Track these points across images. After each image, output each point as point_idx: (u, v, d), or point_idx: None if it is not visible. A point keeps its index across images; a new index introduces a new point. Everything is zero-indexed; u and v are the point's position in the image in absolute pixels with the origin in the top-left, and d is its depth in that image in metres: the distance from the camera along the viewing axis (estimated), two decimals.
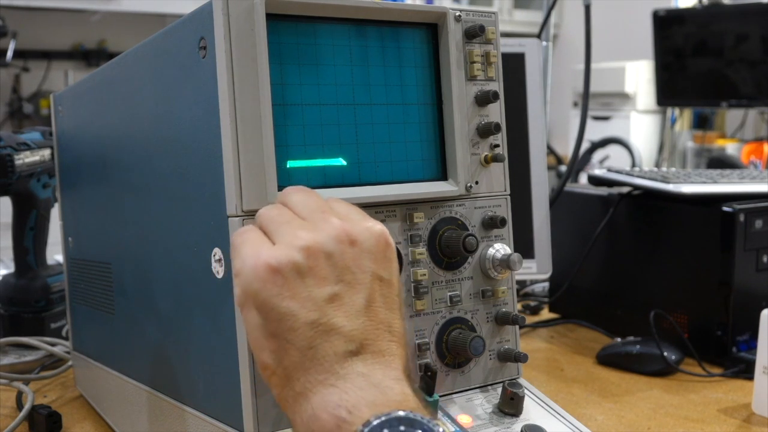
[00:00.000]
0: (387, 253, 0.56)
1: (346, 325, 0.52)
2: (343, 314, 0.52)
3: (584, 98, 1.30)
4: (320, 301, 0.52)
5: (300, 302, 0.51)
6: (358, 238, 0.54)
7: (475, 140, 0.73)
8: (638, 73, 3.91)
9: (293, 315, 0.51)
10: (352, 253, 0.54)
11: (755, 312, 0.98)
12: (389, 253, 0.56)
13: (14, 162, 1.08)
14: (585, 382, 1.08)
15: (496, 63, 0.74)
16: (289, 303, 0.51)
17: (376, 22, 0.69)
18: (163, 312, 0.75)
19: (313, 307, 0.51)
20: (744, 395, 1.01)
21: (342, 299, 0.52)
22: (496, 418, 0.69)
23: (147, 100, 0.74)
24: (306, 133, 0.65)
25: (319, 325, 0.51)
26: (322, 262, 0.53)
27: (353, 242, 0.54)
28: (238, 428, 0.62)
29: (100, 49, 4.02)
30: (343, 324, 0.52)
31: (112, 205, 0.85)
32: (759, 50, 3.28)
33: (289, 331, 0.51)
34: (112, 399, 0.90)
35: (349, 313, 0.52)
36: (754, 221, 1.12)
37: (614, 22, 3.95)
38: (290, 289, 0.52)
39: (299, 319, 0.51)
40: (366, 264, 0.54)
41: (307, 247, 0.52)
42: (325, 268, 0.53)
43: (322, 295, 0.52)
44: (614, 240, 1.27)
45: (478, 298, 0.73)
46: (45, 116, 3.80)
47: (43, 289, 1.15)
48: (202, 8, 0.62)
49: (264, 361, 0.53)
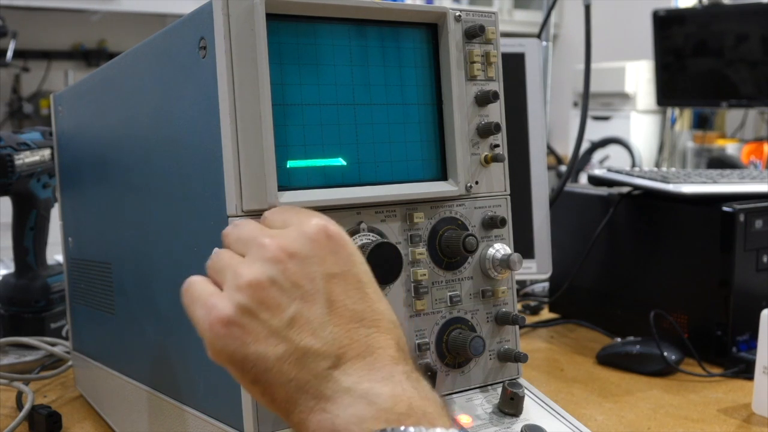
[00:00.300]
0: (332, 246, 0.54)
1: (315, 343, 0.51)
2: (308, 333, 0.51)
3: (584, 98, 1.30)
4: (282, 330, 0.51)
5: (264, 342, 0.51)
6: (296, 249, 0.53)
7: (475, 140, 0.73)
8: (638, 73, 3.91)
9: (262, 357, 0.51)
10: (294, 267, 0.52)
11: (755, 312, 0.98)
12: (334, 245, 0.54)
13: (14, 162, 1.08)
14: (585, 382, 1.08)
15: (496, 63, 0.74)
16: (254, 347, 0.51)
17: (376, 22, 0.69)
18: (163, 312, 0.75)
19: (277, 341, 0.51)
20: (744, 395, 1.01)
21: (302, 318, 0.51)
22: (496, 418, 0.69)
23: (147, 100, 0.74)
24: (306, 133, 0.65)
25: (289, 355, 0.51)
26: (269, 292, 0.51)
27: (292, 255, 0.53)
28: (238, 428, 0.62)
29: (100, 49, 4.02)
30: (312, 343, 0.51)
31: (112, 205, 0.85)
32: (759, 50, 3.28)
33: (264, 372, 0.51)
34: (112, 399, 0.90)
35: (314, 328, 0.51)
36: (754, 221, 1.12)
37: (614, 22, 3.95)
38: (249, 333, 0.51)
39: (269, 358, 0.51)
40: (312, 270, 0.53)
41: (248, 283, 0.51)
42: (274, 296, 0.51)
43: (281, 323, 0.51)
44: (614, 240, 1.27)
45: (478, 298, 0.73)
46: (45, 116, 3.80)
47: (43, 289, 1.15)
48: (202, 8, 0.62)
49: (263, 403, 0.54)
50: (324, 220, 0.55)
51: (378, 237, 0.66)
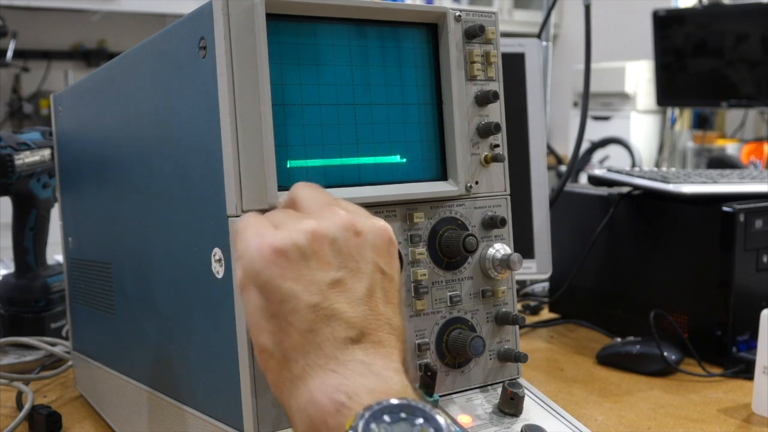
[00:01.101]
0: (390, 249, 0.56)
1: (348, 311, 0.52)
2: (345, 300, 0.52)
3: (584, 98, 1.30)
4: (323, 285, 0.52)
5: (303, 285, 0.51)
6: (363, 230, 0.55)
7: (475, 140, 0.73)
8: (638, 73, 3.91)
9: (296, 297, 0.51)
10: (356, 243, 0.54)
11: (755, 312, 0.98)
12: (392, 250, 0.57)
13: (14, 162, 1.08)
14: (585, 382, 1.08)
15: (496, 63, 0.74)
16: (292, 285, 0.51)
17: (376, 22, 0.69)
18: (163, 312, 0.75)
19: (315, 291, 0.51)
20: (744, 395, 1.01)
21: (345, 285, 0.53)
22: (496, 418, 0.69)
23: (147, 100, 0.74)
24: (306, 133, 0.65)
25: (321, 308, 0.51)
26: (326, 248, 0.53)
27: (358, 233, 0.54)
28: (238, 428, 0.62)
29: (100, 49, 4.02)
30: (345, 310, 0.52)
31: (112, 205, 0.85)
32: (759, 50, 3.28)
33: (290, 312, 0.51)
34: (112, 399, 0.90)
35: (351, 300, 0.52)
36: (754, 221, 1.12)
37: (614, 22, 3.95)
38: (294, 271, 0.52)
39: (301, 301, 0.51)
40: (369, 255, 0.54)
41: (312, 231, 0.53)
42: (329, 253, 0.53)
43: (325, 279, 0.52)
44: (614, 240, 1.27)
45: (478, 298, 0.73)
46: (45, 116, 3.80)
47: (43, 289, 1.15)
48: (202, 8, 0.62)
49: (262, 343, 0.53)
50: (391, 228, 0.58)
51: None
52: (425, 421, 0.46)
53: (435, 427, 0.46)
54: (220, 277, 0.62)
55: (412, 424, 0.46)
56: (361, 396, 0.48)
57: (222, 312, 0.62)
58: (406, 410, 0.47)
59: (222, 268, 0.62)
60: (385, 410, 0.46)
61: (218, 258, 0.62)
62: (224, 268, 0.62)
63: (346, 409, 0.48)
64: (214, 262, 0.63)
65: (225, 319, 0.62)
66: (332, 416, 0.48)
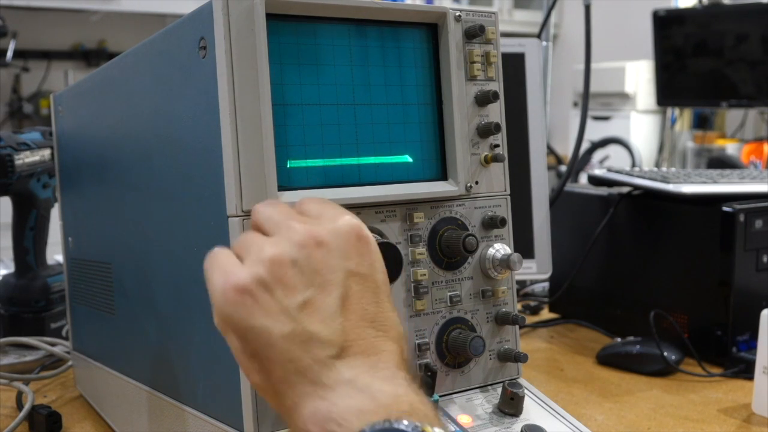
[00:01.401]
0: (360, 248, 0.54)
1: (323, 330, 0.51)
2: (318, 320, 0.51)
3: (584, 98, 1.30)
4: (292, 311, 0.51)
5: (273, 317, 0.51)
6: (325, 239, 0.53)
7: (475, 140, 0.73)
8: (638, 73, 3.91)
9: (267, 331, 0.51)
10: (319, 255, 0.53)
11: (755, 312, 0.98)
12: (362, 247, 0.55)
13: (14, 162, 1.08)
14: (585, 382, 1.08)
15: (496, 63, 0.74)
16: (262, 320, 0.51)
17: (376, 22, 0.69)
18: (163, 312, 0.75)
19: (286, 320, 0.51)
20: (744, 395, 1.01)
21: (314, 304, 0.51)
22: (496, 418, 0.69)
23: (147, 100, 0.74)
24: (306, 133, 0.65)
25: (295, 335, 0.50)
26: (288, 271, 0.52)
27: (319, 244, 0.53)
28: (238, 428, 0.62)
29: (100, 49, 4.02)
30: (320, 330, 0.51)
31: (112, 205, 0.85)
32: (759, 50, 3.28)
33: (266, 347, 0.51)
34: (112, 399, 0.90)
35: (324, 317, 0.51)
36: (754, 221, 1.12)
37: (614, 22, 3.95)
38: (260, 306, 0.51)
39: (274, 334, 0.50)
40: (336, 263, 0.53)
41: (270, 259, 0.52)
42: (292, 276, 0.52)
43: (293, 304, 0.51)
44: (614, 240, 1.27)
45: (478, 298, 0.73)
46: (45, 116, 3.80)
47: (43, 289, 1.15)
48: (202, 8, 0.62)
49: (254, 381, 0.53)
50: (357, 221, 0.55)
51: (378, 237, 0.66)
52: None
53: None
54: None
55: None
56: (350, 421, 0.48)
57: None
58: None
59: None
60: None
61: None
62: None
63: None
64: None
65: None
66: None
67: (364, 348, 0.52)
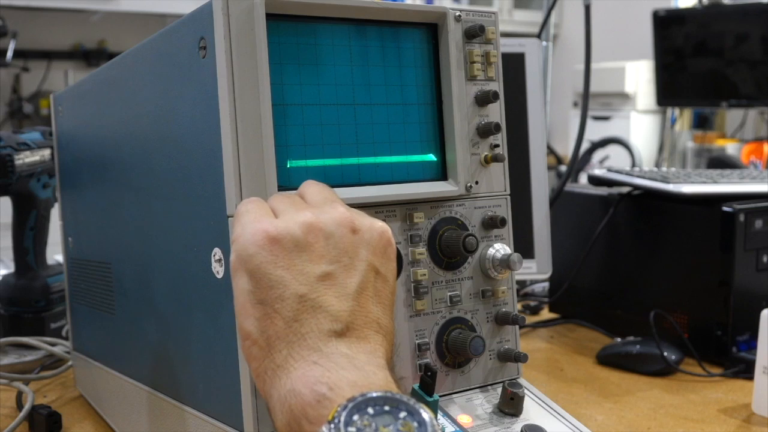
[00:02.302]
0: (387, 251, 0.56)
1: (335, 304, 0.52)
2: (333, 294, 0.52)
3: (584, 98, 1.30)
4: (312, 277, 0.52)
5: (293, 274, 0.52)
6: (361, 228, 0.55)
7: (475, 140, 0.73)
8: (638, 73, 3.91)
9: (284, 284, 0.51)
10: (351, 239, 0.54)
11: (755, 312, 0.98)
12: (389, 252, 0.57)
13: (14, 162, 1.08)
14: (585, 382, 1.08)
15: (496, 63, 0.74)
16: (282, 272, 0.52)
17: (376, 22, 0.69)
18: (163, 312, 0.75)
19: (304, 281, 0.52)
20: (744, 395, 1.01)
21: (335, 279, 0.53)
22: (496, 418, 0.69)
23: (147, 100, 0.74)
24: (306, 133, 0.65)
25: (307, 299, 0.51)
26: (321, 241, 0.53)
27: (355, 230, 0.55)
28: (238, 428, 0.62)
29: (100, 49, 4.02)
30: (332, 303, 0.52)
31: (112, 205, 0.85)
32: (759, 50, 3.28)
33: (277, 299, 0.51)
34: (112, 399, 0.90)
35: (340, 294, 0.52)
36: (754, 221, 1.12)
37: (614, 22, 3.95)
38: (285, 259, 0.52)
39: (289, 289, 0.51)
40: (364, 253, 0.55)
41: (308, 223, 0.53)
42: (323, 246, 0.53)
43: (316, 271, 0.52)
44: (614, 240, 1.27)
45: (478, 298, 0.73)
46: (45, 116, 3.80)
47: (43, 289, 1.15)
48: (202, 8, 0.62)
49: (247, 329, 0.53)
50: (390, 231, 0.57)
51: None
52: (409, 414, 0.46)
53: (419, 420, 0.46)
54: (220, 277, 0.62)
55: (396, 417, 0.46)
56: (342, 388, 0.48)
57: (222, 312, 0.62)
58: (390, 403, 0.46)
59: (222, 268, 0.62)
60: (369, 402, 0.46)
61: (218, 258, 0.62)
62: (224, 268, 0.62)
63: (327, 400, 0.47)
64: (214, 262, 0.63)
65: (225, 319, 0.62)
66: (312, 407, 0.48)
67: (365, 335, 0.52)
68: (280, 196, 0.58)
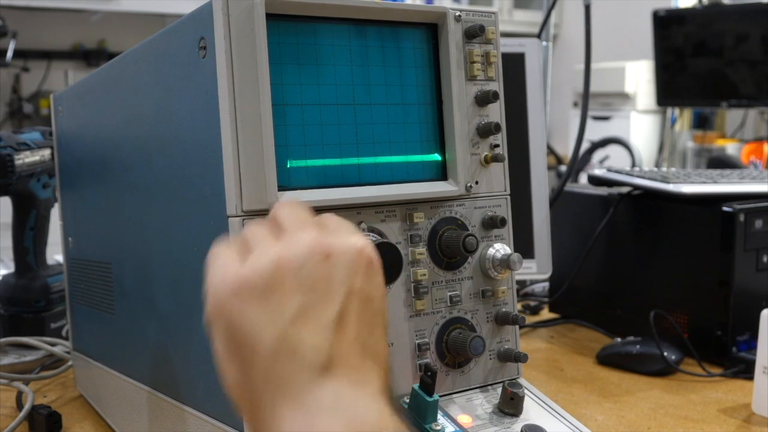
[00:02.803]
0: (368, 268, 0.53)
1: (312, 340, 0.49)
2: (310, 330, 0.50)
3: (584, 98, 1.30)
4: (287, 316, 0.49)
5: (266, 317, 0.49)
6: (335, 252, 0.52)
7: (475, 140, 0.73)
8: (638, 73, 3.91)
9: (257, 332, 0.49)
10: (324, 267, 0.51)
11: (755, 312, 0.98)
12: (371, 269, 0.54)
13: (14, 162, 1.08)
14: (585, 382, 1.08)
15: (496, 63, 0.74)
16: (255, 317, 0.49)
17: (376, 22, 0.69)
18: (163, 312, 0.75)
19: (279, 323, 0.49)
20: (744, 395, 1.01)
21: (309, 314, 0.50)
22: (496, 418, 0.69)
23: (147, 100, 0.74)
24: (306, 133, 0.65)
25: (284, 341, 0.49)
26: (291, 276, 0.50)
27: (328, 255, 0.52)
28: (238, 428, 0.62)
29: (100, 49, 4.02)
30: (309, 339, 0.49)
31: (112, 205, 0.85)
32: (759, 50, 3.28)
33: (254, 344, 0.49)
34: (112, 399, 0.90)
35: (317, 328, 0.50)
36: (754, 221, 1.12)
37: (614, 22, 3.95)
38: (256, 304, 0.50)
39: (263, 336, 0.49)
40: (341, 278, 0.52)
41: (276, 260, 0.51)
42: (294, 282, 0.50)
43: (289, 311, 0.50)
44: (614, 240, 1.27)
45: (478, 298, 0.73)
46: (45, 116, 3.80)
47: (43, 289, 1.15)
48: (202, 8, 0.62)
49: (231, 381, 0.51)
50: (371, 246, 0.55)
51: (378, 237, 0.66)
52: None
53: None
54: None
55: None
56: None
57: None
58: None
59: None
60: None
61: None
62: None
63: None
64: None
65: None
66: None
67: (351, 364, 0.50)
68: (255, 226, 0.55)
